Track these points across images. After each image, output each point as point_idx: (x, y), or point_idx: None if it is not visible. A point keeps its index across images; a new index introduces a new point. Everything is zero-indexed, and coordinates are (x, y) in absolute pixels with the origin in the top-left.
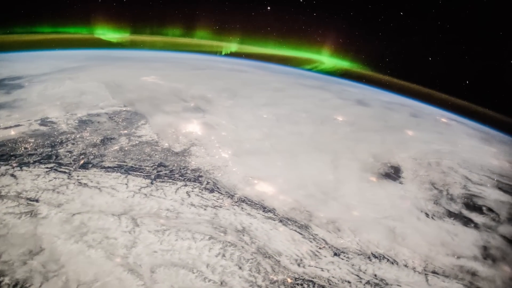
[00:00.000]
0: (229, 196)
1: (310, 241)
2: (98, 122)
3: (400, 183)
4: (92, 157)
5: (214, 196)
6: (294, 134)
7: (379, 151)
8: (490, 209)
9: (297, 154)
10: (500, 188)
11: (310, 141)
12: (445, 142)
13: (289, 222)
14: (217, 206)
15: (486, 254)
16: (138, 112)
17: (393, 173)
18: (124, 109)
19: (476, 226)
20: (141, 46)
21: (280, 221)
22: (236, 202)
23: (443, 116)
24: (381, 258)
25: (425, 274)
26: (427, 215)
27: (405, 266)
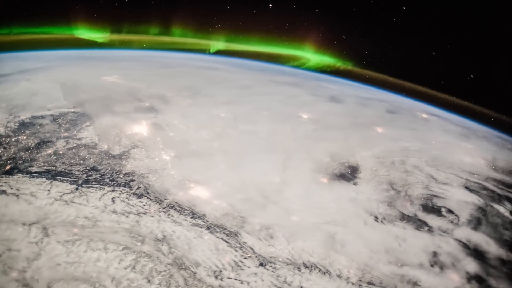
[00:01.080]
0: (157, 202)
1: (236, 250)
2: (40, 124)
3: (354, 184)
4: (21, 162)
5: (141, 202)
6: (248, 133)
7: (339, 150)
8: (450, 211)
9: (246, 155)
10: (467, 187)
11: (264, 140)
12: (417, 139)
13: (217, 230)
14: (141, 213)
15: (434, 261)
16: (86, 114)
17: (348, 174)
18: (72, 110)
19: (430, 230)
20: (123, 46)
21: (208, 228)
22: (164, 208)
23: (425, 111)
24: (313, 268)
25: (359, 285)
26: (376, 218)
27: (338, 276)
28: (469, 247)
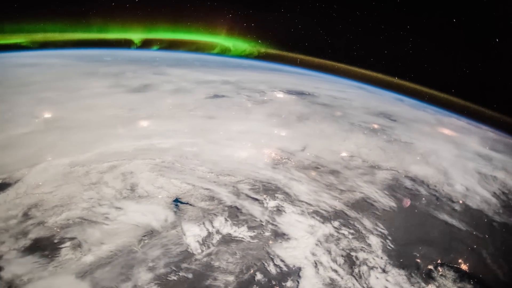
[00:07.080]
0: None
1: None
2: None
3: None
4: None
5: None
6: None
7: (24, 158)
8: (78, 246)
9: None
10: (201, 197)
11: None
12: (198, 131)
13: None
14: None
15: None
16: None
17: None
18: None
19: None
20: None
21: None
22: None
23: (292, 90)
24: None
25: None
26: None
27: None
28: None
